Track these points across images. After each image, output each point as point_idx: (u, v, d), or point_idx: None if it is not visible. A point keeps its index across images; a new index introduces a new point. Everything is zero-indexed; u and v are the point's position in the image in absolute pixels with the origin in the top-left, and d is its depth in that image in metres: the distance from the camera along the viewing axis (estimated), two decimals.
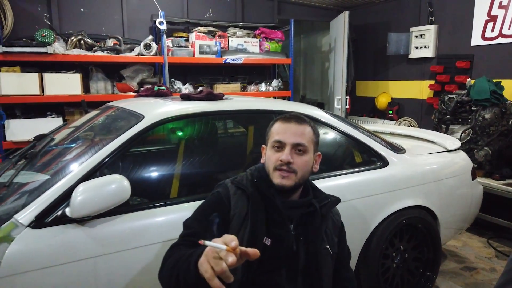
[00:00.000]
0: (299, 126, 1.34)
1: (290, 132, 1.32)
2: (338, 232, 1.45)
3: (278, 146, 1.32)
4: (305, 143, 1.32)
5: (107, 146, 1.70)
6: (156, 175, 1.96)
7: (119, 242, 1.59)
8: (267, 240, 1.25)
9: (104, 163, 1.67)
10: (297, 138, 1.31)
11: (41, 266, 1.45)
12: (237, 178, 1.41)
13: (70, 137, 2.18)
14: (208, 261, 0.90)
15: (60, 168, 1.72)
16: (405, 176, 2.43)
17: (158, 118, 1.85)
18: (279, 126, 1.36)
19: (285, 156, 1.28)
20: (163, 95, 2.59)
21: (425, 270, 2.55)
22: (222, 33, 4.92)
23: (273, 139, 1.34)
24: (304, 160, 1.32)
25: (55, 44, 3.85)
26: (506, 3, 4.14)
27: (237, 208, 1.29)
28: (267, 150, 1.38)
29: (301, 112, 2.27)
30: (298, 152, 1.32)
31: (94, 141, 1.89)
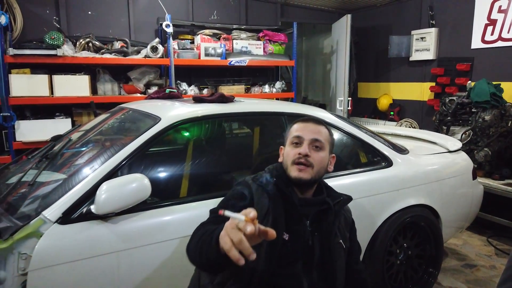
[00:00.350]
0: (316, 126, 1.46)
1: (308, 129, 1.44)
2: (349, 228, 1.54)
3: (296, 142, 1.42)
4: (322, 140, 1.43)
5: (127, 147, 1.79)
6: (172, 174, 2.04)
7: (140, 237, 1.67)
8: (285, 235, 1.33)
9: (125, 163, 1.75)
10: (315, 135, 1.42)
11: (68, 260, 1.54)
12: (257, 176, 1.48)
13: (87, 137, 2.26)
14: (228, 233, 0.92)
15: (83, 167, 1.80)
16: (408, 176, 2.51)
17: (175, 120, 1.93)
18: (298, 125, 1.47)
19: (303, 149, 1.39)
20: (175, 98, 2.67)
21: (428, 266, 2.63)
22: (227, 35, 5.01)
23: (292, 136, 1.44)
24: (320, 156, 1.42)
25: (64, 46, 3.93)
26: (505, 8, 4.23)
27: (259, 204, 1.36)
28: (286, 147, 1.47)
29: (309, 114, 2.38)
30: (315, 148, 1.42)
31: (113, 142, 1.97)
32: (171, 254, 1.72)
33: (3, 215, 1.64)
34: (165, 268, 1.71)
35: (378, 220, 2.35)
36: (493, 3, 4.34)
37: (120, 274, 1.63)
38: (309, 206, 1.42)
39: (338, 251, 1.42)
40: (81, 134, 2.36)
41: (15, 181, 1.81)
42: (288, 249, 1.33)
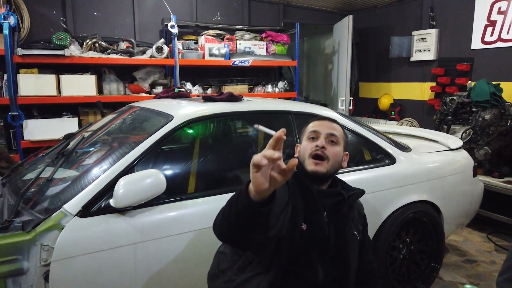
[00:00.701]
0: (331, 123, 1.55)
1: (324, 125, 1.52)
2: (362, 221, 1.63)
3: (313, 137, 1.50)
4: (337, 135, 1.50)
5: (142, 144, 1.86)
6: (184, 171, 2.10)
7: (156, 230, 1.74)
8: (304, 225, 1.40)
9: (140, 159, 1.82)
10: (331, 130, 1.50)
11: (88, 251, 1.61)
12: None
13: (100, 135, 2.33)
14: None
15: (99, 163, 1.87)
16: (411, 173, 2.59)
17: (187, 118, 2.00)
18: (314, 123, 1.55)
19: (320, 142, 1.46)
20: (184, 97, 2.74)
21: (430, 261, 2.71)
22: (230, 36, 5.08)
23: (309, 131, 1.52)
24: (336, 149, 1.48)
25: (71, 46, 4.00)
26: (504, 9, 4.31)
27: (280, 193, 1.39)
28: (303, 142, 1.53)
29: (314, 113, 2.45)
30: (330, 143, 1.48)
31: (127, 140, 2.04)
32: (185, 246, 1.79)
33: (25, 209, 1.71)
34: (179, 260, 1.78)
35: (382, 216, 2.42)
36: (493, 4, 4.42)
37: (137, 265, 1.70)
38: (326, 198, 1.48)
39: (352, 241, 1.49)
40: (94, 132, 2.43)
41: (34, 177, 1.87)
42: (304, 238, 1.39)
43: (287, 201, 1.40)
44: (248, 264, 1.40)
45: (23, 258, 1.53)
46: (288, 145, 2.35)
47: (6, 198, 1.91)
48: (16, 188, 1.96)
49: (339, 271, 1.45)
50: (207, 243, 1.78)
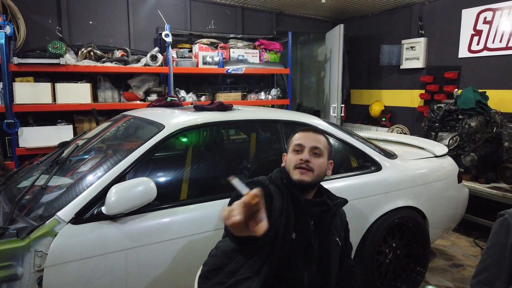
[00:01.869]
0: (316, 135, 1.63)
1: (308, 138, 1.60)
2: (344, 228, 1.71)
3: (298, 150, 1.58)
4: (321, 147, 1.59)
5: (134, 153, 1.92)
6: (175, 178, 2.17)
7: (147, 236, 1.80)
8: (293, 234, 1.49)
9: (132, 168, 1.89)
10: (315, 143, 1.59)
11: (80, 257, 1.67)
12: (272, 177, 1.62)
13: (94, 144, 2.39)
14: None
15: (92, 171, 1.94)
16: (397, 179, 2.67)
17: (178, 127, 2.08)
18: (299, 134, 1.64)
19: (304, 155, 1.55)
20: (176, 106, 2.81)
21: (416, 265, 2.78)
22: (224, 44, 5.17)
23: (294, 144, 1.61)
24: (320, 161, 1.58)
25: (67, 55, 4.06)
26: (490, 19, 4.44)
27: (277, 203, 1.50)
28: (288, 154, 1.62)
29: (303, 122, 2.53)
30: (314, 155, 1.57)
31: (119, 148, 2.10)
32: (176, 252, 1.85)
33: (19, 216, 1.76)
34: (170, 265, 1.84)
35: (368, 221, 2.50)
36: (479, 14, 4.55)
37: (128, 271, 1.76)
38: (313, 207, 1.57)
39: (334, 248, 1.57)
40: (88, 141, 2.49)
41: (29, 185, 1.93)
42: (292, 246, 1.48)
43: (282, 212, 1.48)
44: (239, 268, 1.47)
45: (17, 264, 1.58)
46: (276, 153, 2.43)
47: (1, 205, 1.97)
48: (11, 196, 2.01)
49: (322, 276, 1.53)
50: (197, 249, 1.86)
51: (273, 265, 1.42)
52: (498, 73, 4.42)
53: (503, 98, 4.34)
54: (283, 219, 1.47)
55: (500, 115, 4.07)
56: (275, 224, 1.45)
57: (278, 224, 1.45)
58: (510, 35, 4.26)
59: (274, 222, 1.45)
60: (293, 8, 5.85)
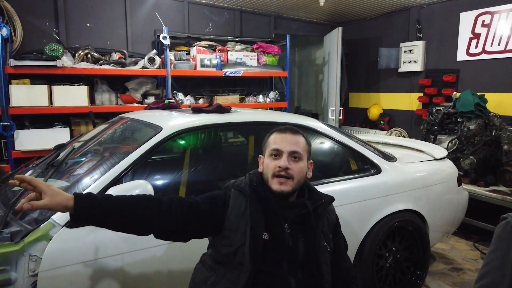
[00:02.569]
0: (293, 136, 1.50)
1: (286, 141, 1.48)
2: (333, 228, 1.58)
3: (276, 154, 1.47)
4: (300, 151, 1.48)
5: (131, 155, 1.90)
6: (172, 181, 2.14)
7: (144, 239, 1.76)
8: (265, 235, 1.42)
9: (129, 170, 1.86)
10: (293, 147, 1.47)
11: (76, 261, 1.63)
12: (237, 181, 1.55)
13: (90, 146, 2.36)
14: None
15: (89, 174, 1.91)
16: (396, 182, 2.65)
17: (176, 129, 2.05)
18: (275, 136, 1.51)
19: (283, 162, 1.44)
20: (173, 108, 2.79)
21: (416, 269, 2.75)
22: (222, 47, 5.16)
23: (270, 148, 1.48)
24: (299, 166, 1.47)
25: (64, 57, 4.04)
26: (488, 22, 4.45)
27: (234, 206, 1.46)
28: (265, 158, 1.52)
29: (302, 124, 2.51)
30: (294, 159, 1.47)
31: (116, 150, 2.08)
32: (172, 256, 1.82)
33: (13, 220, 1.73)
34: (166, 270, 1.81)
35: (368, 225, 2.47)
36: (477, 17, 4.55)
37: (125, 275, 1.72)
38: (288, 209, 1.48)
39: (323, 253, 1.48)
40: (84, 143, 2.46)
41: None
42: (270, 250, 1.42)
43: (244, 211, 1.44)
44: (220, 279, 1.42)
45: (11, 268, 1.55)
46: None
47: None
48: (5, 199, 1.98)
49: (312, 281, 1.46)
50: (195, 252, 1.82)
51: (250, 272, 1.36)
52: (496, 76, 4.42)
53: (502, 101, 4.34)
54: (248, 220, 1.40)
55: (499, 118, 4.06)
56: (238, 226, 1.41)
57: (241, 226, 1.41)
58: (508, 38, 4.26)
59: (237, 224, 1.42)
60: (291, 11, 5.85)
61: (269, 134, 1.55)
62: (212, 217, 1.46)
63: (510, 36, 4.24)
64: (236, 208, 1.45)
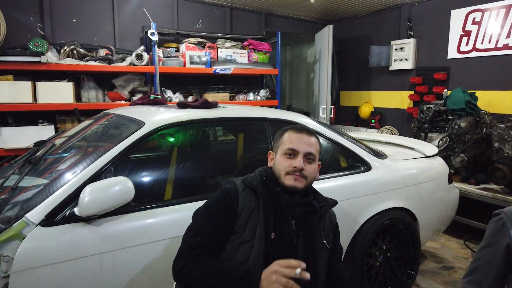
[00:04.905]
0: (309, 137, 1.51)
1: (302, 142, 1.48)
2: (333, 231, 1.62)
3: (290, 154, 1.47)
4: (314, 153, 1.49)
5: (111, 151, 1.82)
6: (156, 178, 2.07)
7: (123, 239, 1.70)
8: (272, 234, 1.41)
9: (109, 166, 1.78)
10: (309, 148, 1.48)
11: (51, 262, 1.55)
12: (247, 178, 1.54)
13: (71, 143, 2.27)
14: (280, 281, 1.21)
15: (66, 171, 1.82)
16: (386, 180, 2.60)
17: (159, 125, 1.98)
18: (291, 135, 1.51)
19: (299, 163, 1.45)
20: (159, 104, 2.71)
21: (406, 268, 2.71)
22: (212, 44, 5.08)
23: (286, 147, 1.48)
24: (313, 167, 1.50)
25: (48, 53, 3.93)
26: (479, 20, 4.43)
27: (245, 203, 1.43)
28: (278, 156, 1.51)
29: (291, 120, 2.45)
30: (308, 160, 1.48)
31: (97, 146, 2.00)
32: (155, 256, 1.75)
33: None
34: (148, 270, 1.74)
35: (358, 223, 2.42)
36: (468, 15, 4.54)
37: (103, 276, 1.65)
38: (296, 207, 1.49)
39: (321, 250, 1.49)
40: (65, 140, 2.38)
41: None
42: (273, 247, 1.40)
43: (253, 209, 1.42)
44: None
45: None
46: (262, 151, 2.34)
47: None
48: None
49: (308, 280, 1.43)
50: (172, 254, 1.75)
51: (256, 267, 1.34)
52: (487, 74, 4.41)
53: (492, 98, 4.33)
54: (261, 219, 1.40)
55: (490, 116, 4.05)
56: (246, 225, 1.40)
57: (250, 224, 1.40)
58: (499, 36, 4.25)
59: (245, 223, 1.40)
60: (282, 8, 5.80)
61: (282, 131, 1.56)
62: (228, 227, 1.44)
63: (500, 33, 4.23)
64: (246, 206, 1.44)
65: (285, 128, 1.57)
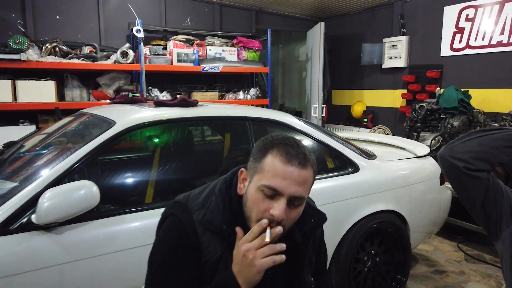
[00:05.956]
0: (302, 171, 1.02)
1: (291, 179, 1.00)
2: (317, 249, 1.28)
3: (270, 195, 1.01)
4: (304, 196, 1.05)
5: (77, 152, 1.70)
6: (128, 181, 1.95)
7: (87, 249, 1.57)
8: None
9: (73, 169, 1.66)
10: (298, 189, 1.01)
11: (5, 274, 1.43)
12: (206, 215, 1.08)
13: (40, 143, 2.15)
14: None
15: (28, 174, 1.70)
16: (375, 181, 2.49)
17: (130, 124, 1.85)
18: (276, 164, 1.01)
19: (279, 211, 0.99)
20: (138, 102, 2.59)
21: (396, 273, 2.61)
22: (200, 41, 4.96)
23: (266, 183, 1.01)
24: (298, 212, 1.06)
25: (29, 51, 3.80)
26: (472, 16, 4.33)
27: (209, 252, 1.07)
28: (252, 186, 1.04)
29: (275, 120, 2.33)
30: (293, 205, 1.03)
31: (65, 148, 1.87)
32: (122, 266, 1.63)
33: None
34: (114, 282, 1.61)
35: (344, 227, 2.31)
36: (461, 11, 4.44)
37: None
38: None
39: (305, 280, 1.19)
40: (36, 140, 2.25)
41: None
42: None
43: (220, 257, 1.07)
44: None
45: None
46: (244, 153, 2.23)
47: None
48: None
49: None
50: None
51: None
52: (480, 72, 4.31)
53: (486, 97, 4.23)
54: (225, 267, 1.05)
55: (483, 115, 3.96)
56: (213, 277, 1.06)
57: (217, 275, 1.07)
58: (493, 33, 4.15)
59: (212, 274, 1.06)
60: (273, 5, 5.69)
61: (265, 148, 1.05)
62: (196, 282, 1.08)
63: (494, 30, 4.14)
64: (211, 253, 1.07)
65: (270, 142, 1.06)
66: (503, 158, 1.15)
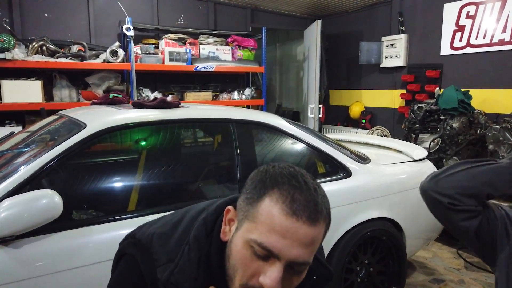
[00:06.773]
0: (311, 229, 0.74)
1: (293, 239, 0.73)
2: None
3: (264, 256, 0.74)
4: (309, 261, 0.77)
5: (41, 158, 1.57)
6: (102, 187, 1.82)
7: (49, 263, 1.45)
8: None
9: (36, 176, 1.53)
10: (302, 253, 0.74)
11: None
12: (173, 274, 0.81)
13: (10, 148, 2.02)
14: None
15: None
16: (369, 187, 2.36)
17: (101, 128, 1.73)
18: (277, 216, 0.73)
19: (271, 282, 0.72)
20: (118, 103, 2.46)
21: (391, 283, 2.47)
22: (193, 40, 4.83)
23: (257, 238, 0.73)
24: (299, 280, 0.80)
25: (15, 50, 3.68)
26: (473, 13, 4.19)
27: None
28: (239, 236, 0.77)
29: (262, 122, 2.20)
30: (293, 270, 0.76)
31: (30, 153, 1.75)
32: (87, 282, 1.50)
33: None
34: None
35: (335, 236, 2.18)
36: (461, 8, 4.29)
37: None
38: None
39: None
40: (8, 145, 2.12)
41: None
42: None
43: None
44: None
45: None
46: (227, 158, 2.10)
47: None
48: None
49: None
50: None
51: None
52: (481, 71, 4.16)
53: (487, 97, 4.08)
54: None
55: (484, 116, 3.81)
56: None
57: None
58: (494, 31, 4.00)
59: None
60: (269, 3, 5.55)
61: (261, 190, 0.76)
62: None
63: (496, 28, 3.99)
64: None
65: (271, 178, 0.77)
66: (494, 192, 1.02)
